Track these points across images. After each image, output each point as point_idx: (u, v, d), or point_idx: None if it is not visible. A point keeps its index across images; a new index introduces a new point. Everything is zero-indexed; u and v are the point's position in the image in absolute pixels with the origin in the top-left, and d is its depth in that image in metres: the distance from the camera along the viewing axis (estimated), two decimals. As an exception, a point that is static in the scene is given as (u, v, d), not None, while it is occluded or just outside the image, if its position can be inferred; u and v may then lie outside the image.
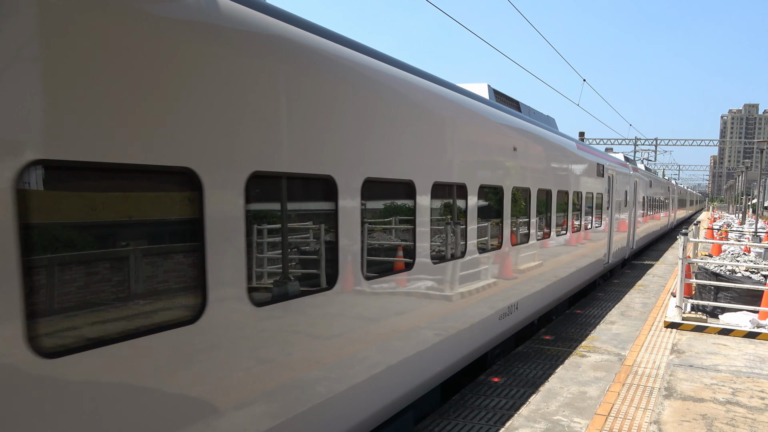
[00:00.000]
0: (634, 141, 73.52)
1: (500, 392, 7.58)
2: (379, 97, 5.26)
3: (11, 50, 2.59)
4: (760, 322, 10.12)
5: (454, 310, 6.95)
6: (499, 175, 8.00)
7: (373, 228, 5.38)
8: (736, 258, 14.42)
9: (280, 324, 4.20)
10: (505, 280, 8.48)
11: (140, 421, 3.18)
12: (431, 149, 6.23)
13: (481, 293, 7.71)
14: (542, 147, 9.91)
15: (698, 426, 5.98)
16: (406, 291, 5.88)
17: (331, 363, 4.76)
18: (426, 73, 6.42)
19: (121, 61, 3.04)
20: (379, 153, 5.25)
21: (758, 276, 11.64)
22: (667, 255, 23.39)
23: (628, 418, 6.15)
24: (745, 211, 47.75)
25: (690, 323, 10.13)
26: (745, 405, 6.62)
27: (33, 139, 2.68)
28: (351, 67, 4.88)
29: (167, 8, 3.26)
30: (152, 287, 3.27)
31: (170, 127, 3.32)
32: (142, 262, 3.21)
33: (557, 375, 7.58)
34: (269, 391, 4.11)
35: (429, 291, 6.37)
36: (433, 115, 6.25)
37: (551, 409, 6.41)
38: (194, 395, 3.52)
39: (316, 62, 4.44)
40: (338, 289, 4.82)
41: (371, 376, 5.30)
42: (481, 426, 6.49)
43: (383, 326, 5.49)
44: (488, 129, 7.72)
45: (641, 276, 17.05)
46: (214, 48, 3.56)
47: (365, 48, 5.30)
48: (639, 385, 7.20)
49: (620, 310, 11.85)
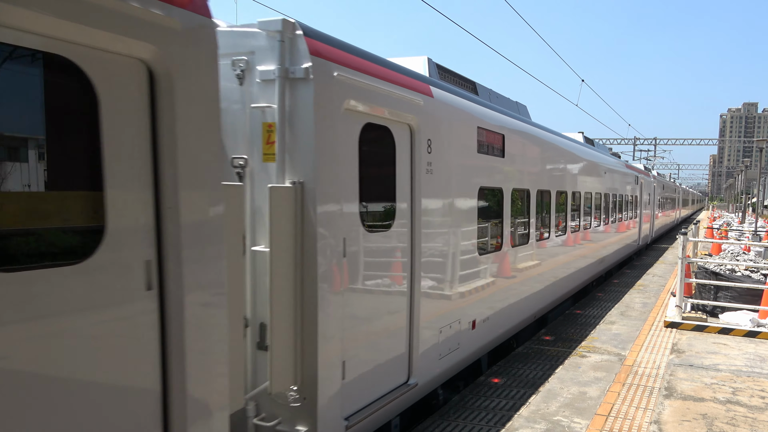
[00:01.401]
0: (633, 141, 73.56)
1: (500, 393, 7.57)
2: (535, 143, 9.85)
3: None
4: (760, 321, 10.11)
5: (575, 262, 12.71)
6: (600, 187, 14.72)
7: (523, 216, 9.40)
8: (736, 257, 14.43)
9: (491, 266, 8.08)
10: (597, 245, 14.88)
11: None
12: (560, 170, 11.25)
13: (587, 252, 13.71)
14: (614, 171, 16.91)
15: (699, 425, 5.97)
16: (540, 253, 10.19)
17: (509, 285, 8.75)
18: (555, 132, 11.63)
19: None
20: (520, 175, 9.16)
21: (758, 275, 11.64)
22: (667, 255, 23.39)
23: (629, 418, 6.15)
24: (745, 210, 47.76)
25: (690, 323, 10.13)
26: (745, 404, 6.62)
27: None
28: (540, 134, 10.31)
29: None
30: None
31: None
32: None
33: (557, 375, 7.57)
34: (487, 299, 7.98)
35: (556, 253, 11.13)
36: (550, 150, 10.57)
37: (551, 409, 6.40)
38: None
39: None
40: (505, 249, 8.49)
41: (524, 297, 9.54)
42: (482, 427, 6.48)
43: (525, 271, 9.41)
44: (593, 163, 13.98)
45: (641, 276, 17.05)
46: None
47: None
48: (639, 385, 7.19)
49: (620, 310, 11.84)
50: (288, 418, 4.73)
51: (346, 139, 4.89)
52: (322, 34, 4.85)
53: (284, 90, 4.48)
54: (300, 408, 4.67)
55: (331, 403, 4.83)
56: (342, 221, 4.87)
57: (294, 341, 4.61)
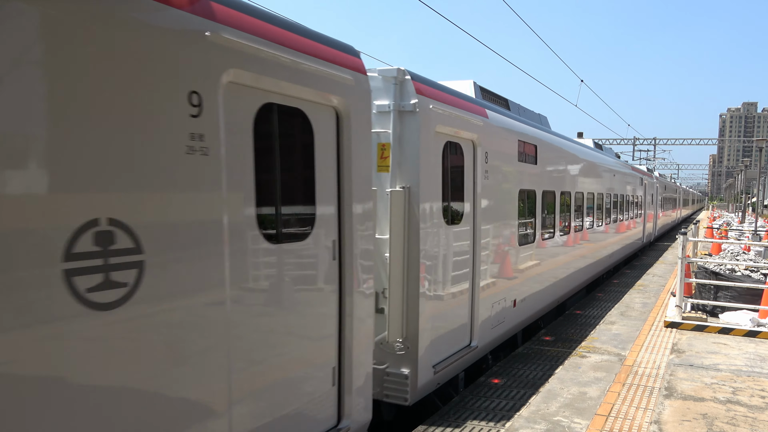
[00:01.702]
0: (632, 141, 73.51)
1: (500, 393, 7.57)
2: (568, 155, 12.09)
3: None
4: (760, 321, 10.11)
5: (599, 250, 15.50)
6: (610, 189, 16.56)
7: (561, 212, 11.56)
8: (736, 257, 14.42)
9: (527, 256, 9.56)
10: (608, 241, 16.60)
11: None
12: (584, 175, 13.39)
13: (600, 247, 15.59)
14: (622, 173, 18.66)
15: (699, 425, 5.97)
16: (563, 246, 11.90)
17: (540, 272, 10.34)
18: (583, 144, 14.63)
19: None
20: (562, 180, 11.53)
21: (758, 275, 11.64)
22: (667, 255, 23.38)
23: (629, 419, 6.14)
24: (745, 210, 47.74)
25: (690, 323, 10.12)
26: (745, 404, 6.61)
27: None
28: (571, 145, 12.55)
29: None
30: None
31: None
32: None
33: (557, 376, 7.57)
34: (523, 284, 9.54)
35: (575, 246, 12.82)
36: (579, 159, 12.93)
37: (551, 409, 6.40)
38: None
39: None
40: (537, 242, 10.13)
41: (551, 284, 11.13)
42: (482, 427, 6.48)
43: (552, 260, 11.09)
44: (605, 168, 15.80)
45: (641, 276, 17.04)
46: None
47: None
48: (639, 385, 7.19)
49: (620, 310, 11.84)
50: (394, 363, 6.34)
51: (435, 154, 6.52)
52: (422, 77, 6.52)
53: (397, 119, 6.13)
54: (404, 355, 6.29)
55: (426, 353, 6.43)
56: (433, 216, 6.48)
57: (402, 305, 6.19)
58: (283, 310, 4.18)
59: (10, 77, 2.49)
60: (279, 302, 4.12)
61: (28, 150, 2.56)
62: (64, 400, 2.75)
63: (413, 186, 6.14)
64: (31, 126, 2.57)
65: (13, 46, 2.50)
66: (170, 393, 3.27)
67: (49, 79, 2.63)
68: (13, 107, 2.50)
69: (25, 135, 2.54)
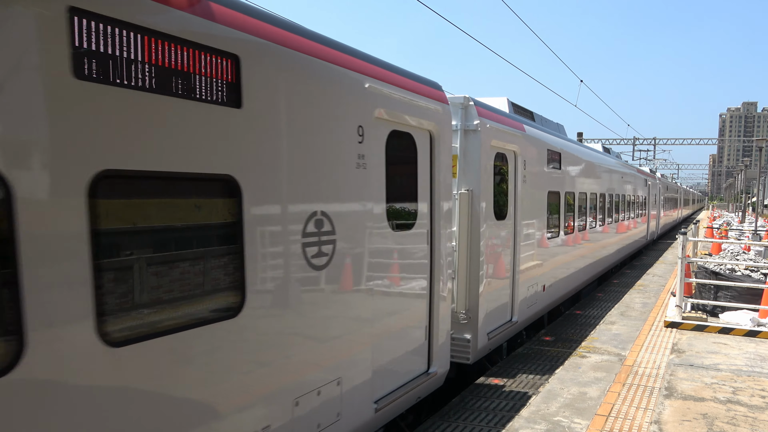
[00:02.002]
0: (632, 141, 73.48)
1: (500, 394, 7.57)
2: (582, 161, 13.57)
3: None
4: (760, 321, 10.10)
5: (621, 240, 18.32)
6: (619, 190, 18.19)
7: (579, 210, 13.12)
8: (736, 257, 14.41)
9: (553, 248, 11.19)
10: (615, 238, 18.11)
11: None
12: (594, 177, 14.60)
13: (609, 243, 17.07)
14: (629, 175, 20.42)
15: (699, 425, 5.97)
16: (580, 241, 13.44)
17: (562, 263, 11.84)
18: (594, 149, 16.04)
19: None
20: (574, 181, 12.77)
21: (758, 274, 11.63)
22: (667, 254, 23.38)
23: (629, 419, 6.14)
24: (745, 210, 47.74)
25: (690, 323, 10.12)
26: (745, 404, 6.61)
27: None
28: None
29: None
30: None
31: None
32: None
33: (557, 376, 7.57)
34: (553, 273, 11.17)
35: (589, 242, 14.31)
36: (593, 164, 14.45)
37: (551, 410, 6.40)
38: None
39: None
40: (561, 236, 11.64)
41: (570, 274, 12.60)
42: (482, 428, 6.48)
43: (572, 253, 12.63)
44: (614, 170, 17.44)
45: (641, 276, 17.04)
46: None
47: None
48: (639, 385, 7.18)
49: (620, 310, 11.83)
50: (458, 330, 7.80)
51: (490, 163, 8.09)
52: (480, 101, 8.13)
53: (463, 137, 7.76)
54: (467, 324, 7.84)
55: (483, 323, 8.00)
56: (488, 213, 8.05)
57: (466, 283, 7.79)
58: (402, 280, 5.74)
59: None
60: (400, 274, 5.70)
61: (288, 171, 4.14)
62: (306, 326, 4.39)
63: (475, 189, 7.75)
64: (292, 159, 4.18)
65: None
66: (351, 317, 4.94)
67: (311, 133, 4.37)
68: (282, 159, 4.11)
69: (289, 166, 4.16)
